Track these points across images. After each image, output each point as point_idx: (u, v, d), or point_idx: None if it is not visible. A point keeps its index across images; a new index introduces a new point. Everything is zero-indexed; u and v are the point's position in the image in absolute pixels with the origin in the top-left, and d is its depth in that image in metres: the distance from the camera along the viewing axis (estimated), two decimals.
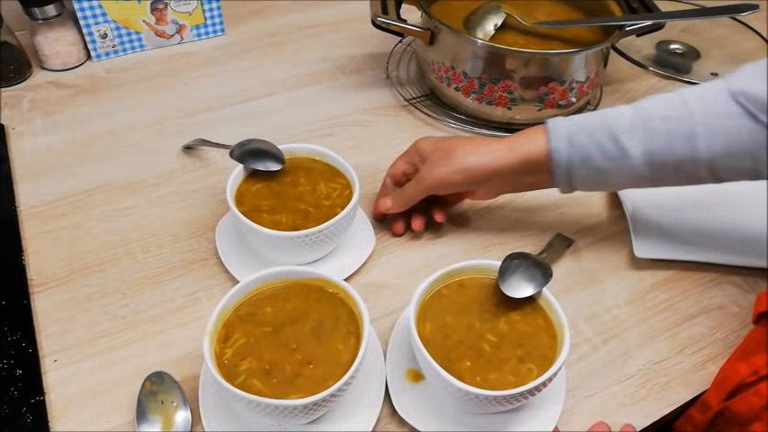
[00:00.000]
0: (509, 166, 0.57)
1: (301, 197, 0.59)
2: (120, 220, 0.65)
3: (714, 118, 0.51)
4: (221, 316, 0.47)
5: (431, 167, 0.59)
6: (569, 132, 0.55)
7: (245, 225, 0.55)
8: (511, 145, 0.57)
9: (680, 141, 0.52)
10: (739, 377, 0.50)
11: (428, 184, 0.59)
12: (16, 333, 0.53)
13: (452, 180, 0.58)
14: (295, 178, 0.61)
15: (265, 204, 0.58)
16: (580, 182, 0.57)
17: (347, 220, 0.57)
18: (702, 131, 0.51)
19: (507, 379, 0.46)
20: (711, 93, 0.52)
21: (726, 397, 0.51)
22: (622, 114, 0.54)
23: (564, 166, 0.55)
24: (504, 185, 0.60)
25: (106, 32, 0.84)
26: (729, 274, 0.63)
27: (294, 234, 0.54)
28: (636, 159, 0.53)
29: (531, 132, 0.57)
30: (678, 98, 0.53)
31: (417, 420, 0.49)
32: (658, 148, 0.53)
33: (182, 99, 0.81)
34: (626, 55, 0.93)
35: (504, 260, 0.52)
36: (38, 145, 0.73)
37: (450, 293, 0.51)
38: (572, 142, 0.54)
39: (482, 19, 0.79)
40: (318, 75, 0.86)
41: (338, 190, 0.59)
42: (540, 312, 0.50)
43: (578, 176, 0.56)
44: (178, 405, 0.48)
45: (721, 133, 0.51)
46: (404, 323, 0.55)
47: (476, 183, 0.59)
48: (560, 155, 0.55)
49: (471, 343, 0.48)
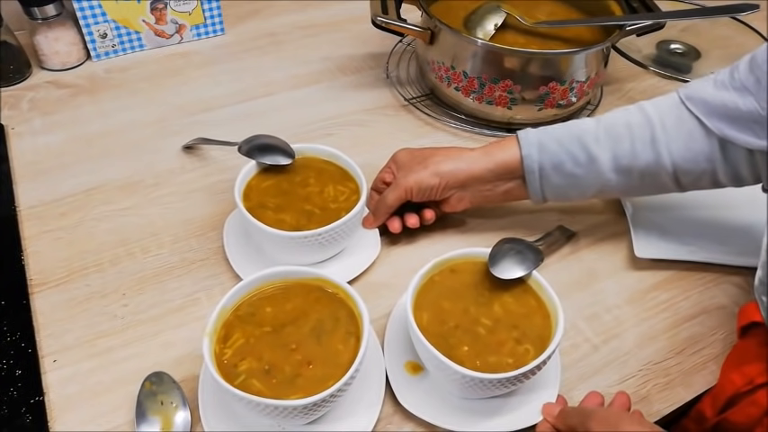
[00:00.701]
0: (483, 171, 0.59)
1: (309, 198, 0.59)
2: (119, 220, 0.65)
3: (670, 124, 0.55)
4: (221, 316, 0.47)
5: (407, 172, 0.60)
6: (540, 140, 0.58)
7: (248, 221, 0.55)
8: (486, 151, 0.60)
9: (643, 146, 0.55)
10: (734, 387, 0.50)
11: (404, 188, 0.60)
12: (16, 333, 0.53)
13: (428, 183, 0.59)
14: (305, 178, 0.60)
15: (272, 202, 0.58)
16: (552, 189, 0.59)
17: (351, 224, 0.56)
18: (662, 137, 0.55)
19: (506, 361, 0.47)
20: (666, 101, 0.56)
21: (721, 407, 0.51)
22: (587, 124, 0.58)
23: (536, 172, 0.58)
24: (478, 192, 0.61)
25: (106, 32, 0.84)
26: (729, 274, 0.63)
27: (294, 234, 0.54)
28: (604, 164, 0.56)
29: (504, 141, 0.60)
30: (637, 108, 0.57)
31: (423, 411, 0.49)
32: (624, 153, 0.56)
33: (181, 99, 0.81)
34: (626, 55, 0.93)
35: (496, 245, 0.53)
36: (37, 145, 0.73)
37: (443, 279, 0.52)
38: (543, 150, 0.57)
39: (482, 19, 0.79)
40: (318, 75, 0.86)
41: (346, 194, 0.59)
42: (532, 294, 0.51)
43: (550, 183, 0.58)
44: (177, 405, 0.48)
45: (678, 138, 0.54)
46: (399, 315, 0.55)
47: (451, 187, 0.60)
48: (532, 160, 0.58)
49: (467, 327, 0.49)
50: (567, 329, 0.56)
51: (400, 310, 0.56)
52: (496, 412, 0.50)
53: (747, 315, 0.52)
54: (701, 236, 0.65)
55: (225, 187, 0.69)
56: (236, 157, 0.71)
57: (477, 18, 0.79)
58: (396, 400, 0.50)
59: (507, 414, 0.50)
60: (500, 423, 0.49)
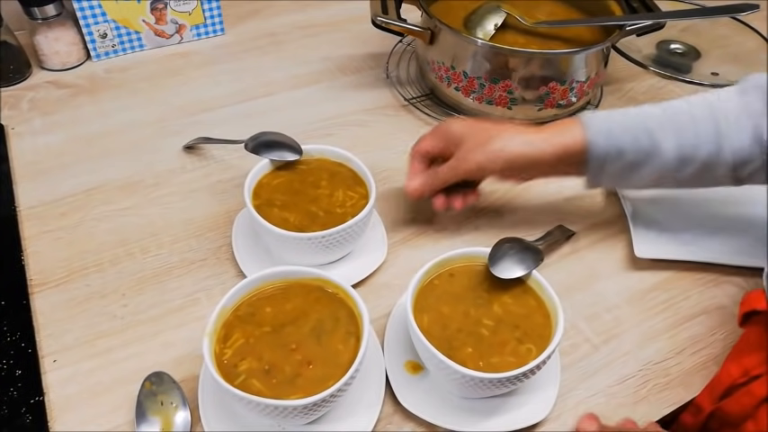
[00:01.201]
0: (547, 158, 0.57)
1: (316, 200, 0.59)
2: (119, 220, 0.65)
3: (733, 115, 0.54)
4: (221, 316, 0.47)
5: (467, 153, 0.58)
6: (608, 127, 0.56)
7: (253, 218, 0.55)
8: (546, 137, 0.57)
9: (707, 138, 0.54)
10: (731, 379, 0.50)
11: (465, 170, 0.59)
12: (16, 333, 0.53)
13: (490, 168, 0.58)
14: (317, 179, 0.60)
15: (279, 200, 0.58)
16: (609, 177, 0.58)
17: (357, 228, 0.56)
18: (725, 127, 0.54)
19: (508, 360, 0.47)
20: (730, 91, 0.55)
21: (717, 399, 0.51)
22: (653, 111, 0.57)
23: (599, 159, 0.56)
24: (536, 174, 0.61)
25: (106, 32, 0.84)
26: (729, 275, 0.63)
27: (297, 235, 0.54)
28: (667, 153, 0.55)
29: (565, 125, 0.58)
30: (702, 100, 0.56)
31: (423, 411, 0.49)
32: (688, 143, 0.54)
33: (181, 99, 0.80)
34: (626, 55, 0.93)
35: (496, 244, 0.53)
36: (37, 145, 0.73)
37: (442, 284, 0.52)
38: (609, 137, 0.56)
39: (482, 18, 0.79)
40: (318, 75, 0.86)
41: (354, 199, 0.59)
42: (532, 294, 0.51)
43: (609, 170, 0.57)
44: (177, 405, 0.48)
45: (741, 130, 0.53)
46: (399, 315, 0.55)
47: (510, 173, 0.60)
48: (598, 148, 0.56)
49: (470, 329, 0.49)
50: (567, 329, 0.56)
51: (400, 310, 0.56)
52: (496, 412, 0.50)
53: (750, 302, 0.51)
54: (702, 236, 0.65)
55: (225, 187, 0.69)
56: (237, 158, 0.71)
57: (477, 18, 0.79)
58: (396, 399, 0.50)
59: (507, 414, 0.50)
60: (500, 423, 0.49)
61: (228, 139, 0.69)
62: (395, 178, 0.71)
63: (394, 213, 0.67)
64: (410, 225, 0.66)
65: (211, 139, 0.71)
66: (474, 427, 0.49)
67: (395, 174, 0.71)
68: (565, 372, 0.53)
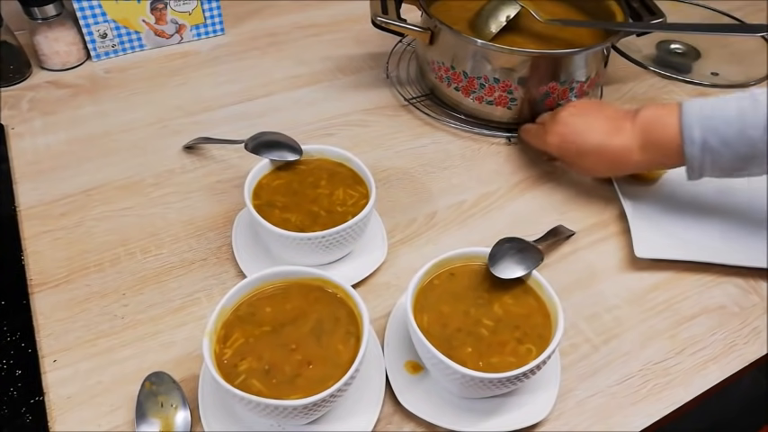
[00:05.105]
0: (641, 166, 0.62)
1: (317, 199, 0.59)
2: (119, 220, 0.65)
3: None
4: (221, 316, 0.47)
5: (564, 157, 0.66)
6: (703, 139, 0.56)
7: (253, 218, 0.55)
8: (643, 144, 0.60)
9: None
10: None
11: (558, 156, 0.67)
12: (16, 333, 0.53)
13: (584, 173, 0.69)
14: (317, 179, 0.60)
15: (280, 200, 0.58)
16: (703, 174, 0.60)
17: (357, 228, 0.56)
18: None
19: (508, 360, 0.47)
20: None
21: None
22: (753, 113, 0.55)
23: (696, 170, 0.59)
24: None
25: (106, 32, 0.84)
26: (729, 275, 0.63)
27: (297, 235, 0.54)
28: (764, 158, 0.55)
29: (662, 131, 0.59)
30: None
31: (423, 411, 0.49)
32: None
33: (181, 99, 0.81)
34: (626, 55, 0.93)
35: (496, 244, 0.53)
36: (37, 145, 0.73)
37: (443, 283, 0.52)
38: (705, 148, 0.57)
39: (496, 9, 0.77)
40: (318, 75, 0.86)
41: (355, 198, 0.59)
42: (532, 294, 0.51)
43: (704, 173, 0.59)
44: (177, 405, 0.48)
45: None
46: (399, 315, 0.55)
47: None
48: (693, 158, 0.58)
49: (470, 329, 0.49)
50: (567, 329, 0.56)
51: (400, 310, 0.56)
52: (496, 412, 0.50)
53: None
54: (701, 236, 0.65)
55: (225, 187, 0.69)
56: (237, 158, 0.71)
57: (491, 8, 0.78)
58: (396, 399, 0.50)
59: (507, 414, 0.50)
60: (500, 423, 0.49)
61: (228, 139, 0.70)
62: (395, 178, 0.71)
63: (394, 213, 0.67)
64: (410, 225, 0.66)
65: (211, 139, 0.71)
66: (474, 427, 0.49)
67: (395, 173, 0.71)
68: (565, 372, 0.53)
